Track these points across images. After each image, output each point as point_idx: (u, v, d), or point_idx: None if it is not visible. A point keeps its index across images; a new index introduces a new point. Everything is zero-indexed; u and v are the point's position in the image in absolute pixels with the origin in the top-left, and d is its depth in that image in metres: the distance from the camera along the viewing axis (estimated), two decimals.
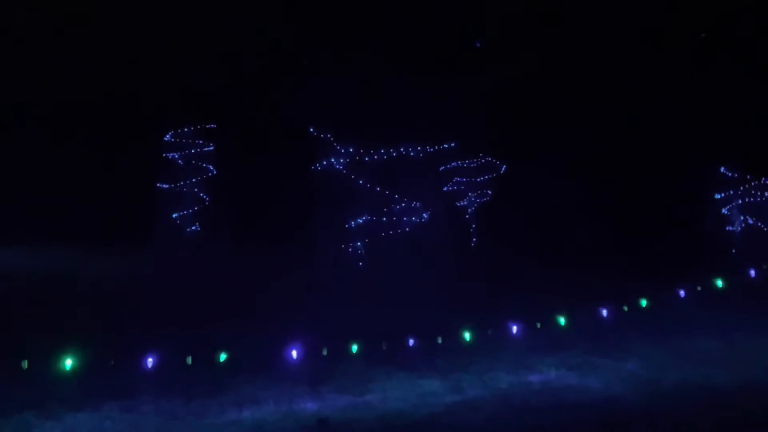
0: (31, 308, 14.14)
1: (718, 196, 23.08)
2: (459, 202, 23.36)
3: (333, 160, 21.51)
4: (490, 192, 23.47)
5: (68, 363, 9.11)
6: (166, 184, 24.41)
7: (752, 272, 12.18)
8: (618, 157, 23.07)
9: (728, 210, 23.05)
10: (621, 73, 23.73)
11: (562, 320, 11.46)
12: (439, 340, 10.93)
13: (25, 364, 8.99)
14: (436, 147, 22.28)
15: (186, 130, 24.46)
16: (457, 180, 23.15)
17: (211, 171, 24.55)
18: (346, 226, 21.28)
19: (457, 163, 22.98)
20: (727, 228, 22.94)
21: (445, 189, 23.06)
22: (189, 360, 9.64)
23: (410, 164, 21.92)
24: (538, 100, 23.56)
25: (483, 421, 8.83)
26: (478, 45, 21.25)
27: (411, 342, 10.83)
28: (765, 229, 22.67)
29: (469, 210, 23.44)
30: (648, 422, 8.78)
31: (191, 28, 25.21)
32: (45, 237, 22.55)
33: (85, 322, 12.29)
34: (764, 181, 22.84)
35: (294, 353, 10.12)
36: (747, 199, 22.94)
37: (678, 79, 23.55)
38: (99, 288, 16.76)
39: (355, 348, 10.36)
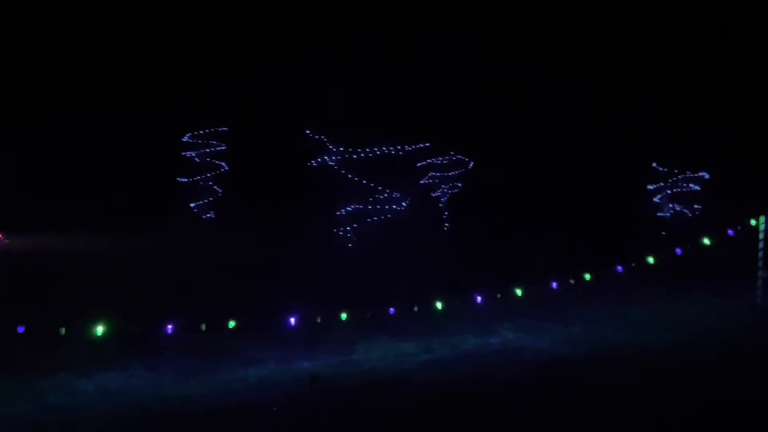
0: (69, 282, 14.05)
1: (650, 188, 23.18)
2: (433, 193, 23.37)
3: (326, 157, 21.45)
4: (459, 184, 23.48)
5: (99, 329, 9.05)
6: (185, 178, 24.30)
7: (678, 251, 12.20)
8: (568, 155, 23.11)
9: (659, 199, 23.17)
10: (572, 84, 23.76)
11: (518, 291, 11.46)
12: (415, 309, 10.92)
13: (62, 330, 8.92)
14: (413, 146, 22.27)
15: (202, 132, 24.33)
16: (431, 174, 23.14)
17: (224, 167, 24.43)
18: (338, 213, 21.24)
19: (431, 160, 22.98)
20: (658, 214, 23.07)
21: (421, 182, 23.06)
22: (203, 327, 9.60)
23: (391, 161, 21.92)
24: (501, 106, 23.57)
25: (450, 376, 8.86)
26: None
27: (391, 310, 10.82)
28: (689, 215, 22.82)
29: (442, 199, 23.45)
30: (587, 375, 8.84)
31: (208, 47, 25.07)
32: (84, 223, 22.47)
33: (115, 293, 12.22)
34: (688, 174, 22.96)
35: (292, 320, 10.09)
36: (674, 190, 23.08)
37: (623, 90, 23.64)
38: (127, 265, 16.67)
39: (344, 316, 10.33)
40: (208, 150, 24.32)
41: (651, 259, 12.35)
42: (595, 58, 24.09)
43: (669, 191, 22.99)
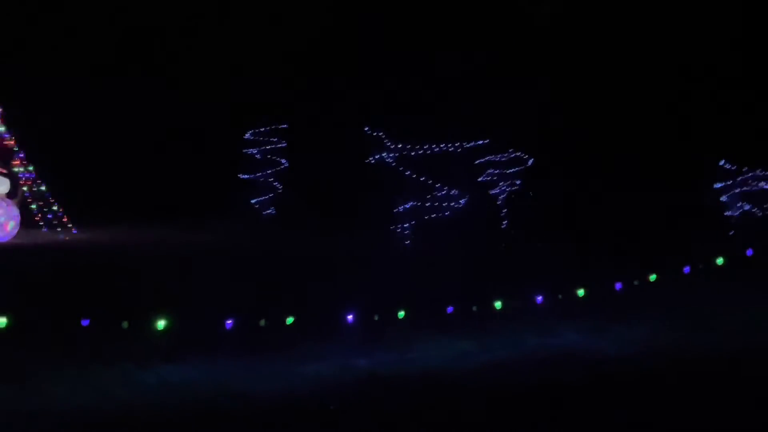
0: (133, 274, 14.32)
1: (717, 186, 22.33)
2: (491, 191, 23.04)
3: (384, 154, 21.37)
4: (518, 182, 23.09)
5: (162, 322, 9.15)
6: (246, 175, 24.62)
7: (749, 252, 11.66)
8: (631, 152, 22.50)
9: (727, 198, 22.28)
10: (633, 79, 23.11)
11: (580, 292, 11.13)
12: (474, 308, 10.72)
13: (125, 324, 9.05)
14: (472, 143, 22.01)
15: (262, 129, 24.61)
16: (489, 172, 22.82)
17: (284, 164, 24.65)
18: (396, 210, 21.13)
19: (490, 157, 22.66)
20: (726, 213, 22.19)
21: (479, 179, 22.77)
22: (262, 322, 9.62)
23: (449, 158, 21.70)
24: (557, 103, 23.11)
25: (509, 375, 8.63)
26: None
27: (450, 309, 10.66)
28: (759, 215, 21.89)
29: (500, 197, 23.11)
30: (652, 378, 8.47)
31: (268, 48, 25.31)
32: (150, 217, 23.00)
33: (177, 288, 12.38)
34: (760, 172, 22.02)
35: (349, 317, 10.02)
36: (744, 188, 22.15)
37: (689, 83, 22.87)
38: (189, 260, 16.91)
39: (401, 314, 10.21)
40: (268, 147, 24.58)
41: (720, 260, 11.85)
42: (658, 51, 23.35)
43: (737, 190, 22.07)
